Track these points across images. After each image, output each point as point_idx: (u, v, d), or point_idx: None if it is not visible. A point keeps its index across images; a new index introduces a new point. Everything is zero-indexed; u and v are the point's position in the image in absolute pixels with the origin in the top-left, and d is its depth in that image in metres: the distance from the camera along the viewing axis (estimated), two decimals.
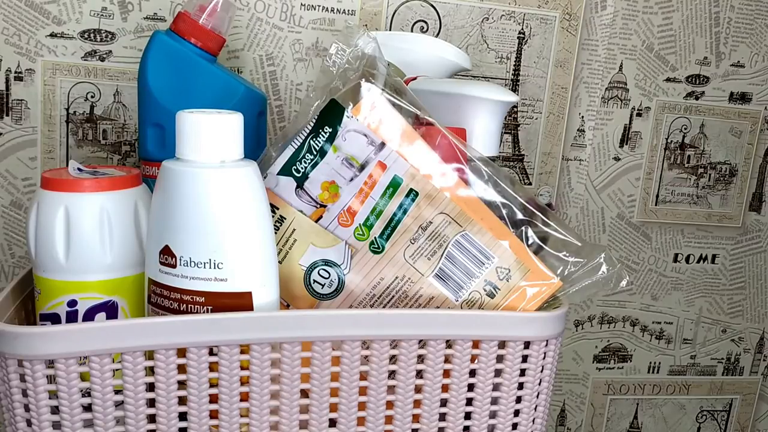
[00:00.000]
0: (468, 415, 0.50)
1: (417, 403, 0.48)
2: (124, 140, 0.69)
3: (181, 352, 0.44)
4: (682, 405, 0.92)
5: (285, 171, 0.49)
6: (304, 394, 0.46)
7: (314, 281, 0.49)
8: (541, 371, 0.50)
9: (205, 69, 0.56)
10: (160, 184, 0.44)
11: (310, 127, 0.49)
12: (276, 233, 0.48)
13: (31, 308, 0.51)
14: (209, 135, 0.43)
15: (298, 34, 0.71)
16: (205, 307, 0.44)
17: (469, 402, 0.49)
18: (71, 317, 0.46)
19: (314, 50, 0.71)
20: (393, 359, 0.47)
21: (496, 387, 0.49)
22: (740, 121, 0.84)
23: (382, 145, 0.48)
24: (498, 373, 0.49)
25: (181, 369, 0.44)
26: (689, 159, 0.84)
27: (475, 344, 0.48)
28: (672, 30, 0.79)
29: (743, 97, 0.83)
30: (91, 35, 0.67)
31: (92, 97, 0.68)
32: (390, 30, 0.72)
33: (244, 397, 0.45)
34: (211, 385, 0.45)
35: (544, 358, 0.49)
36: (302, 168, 0.49)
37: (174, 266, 0.44)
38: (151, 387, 0.44)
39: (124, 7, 0.67)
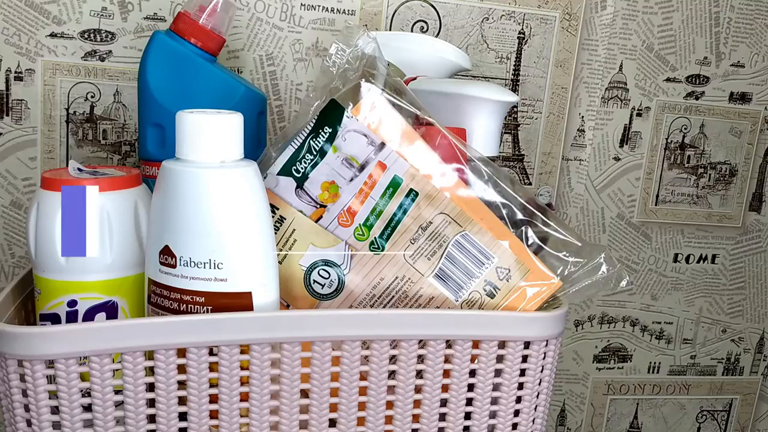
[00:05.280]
0: (468, 415, 0.50)
1: (417, 403, 0.48)
2: (124, 140, 0.69)
3: (181, 352, 0.44)
4: (682, 405, 0.92)
5: (285, 171, 0.49)
6: (304, 394, 0.46)
7: (314, 281, 0.49)
8: (541, 371, 0.50)
9: (205, 69, 0.56)
10: (160, 184, 0.44)
11: (310, 127, 0.49)
12: (276, 233, 0.48)
13: (31, 308, 0.51)
14: (209, 135, 0.43)
15: (298, 34, 0.71)
16: (205, 307, 0.44)
17: (469, 402, 0.49)
18: (71, 317, 0.46)
19: (314, 50, 0.71)
20: (393, 359, 0.47)
21: (496, 387, 0.49)
22: (740, 121, 0.84)
23: (382, 145, 0.48)
24: (498, 373, 0.49)
25: (181, 369, 0.44)
26: (689, 159, 0.84)
27: (475, 344, 0.48)
28: (672, 30, 0.79)
29: (743, 97, 0.83)
30: (91, 35, 0.67)
31: (92, 97, 0.68)
32: (390, 30, 0.72)
33: (244, 397, 0.45)
34: (211, 385, 0.45)
35: (544, 358, 0.49)
36: (302, 168, 0.49)
37: (174, 266, 0.44)
38: (151, 387, 0.44)
39: (124, 7, 0.67)
